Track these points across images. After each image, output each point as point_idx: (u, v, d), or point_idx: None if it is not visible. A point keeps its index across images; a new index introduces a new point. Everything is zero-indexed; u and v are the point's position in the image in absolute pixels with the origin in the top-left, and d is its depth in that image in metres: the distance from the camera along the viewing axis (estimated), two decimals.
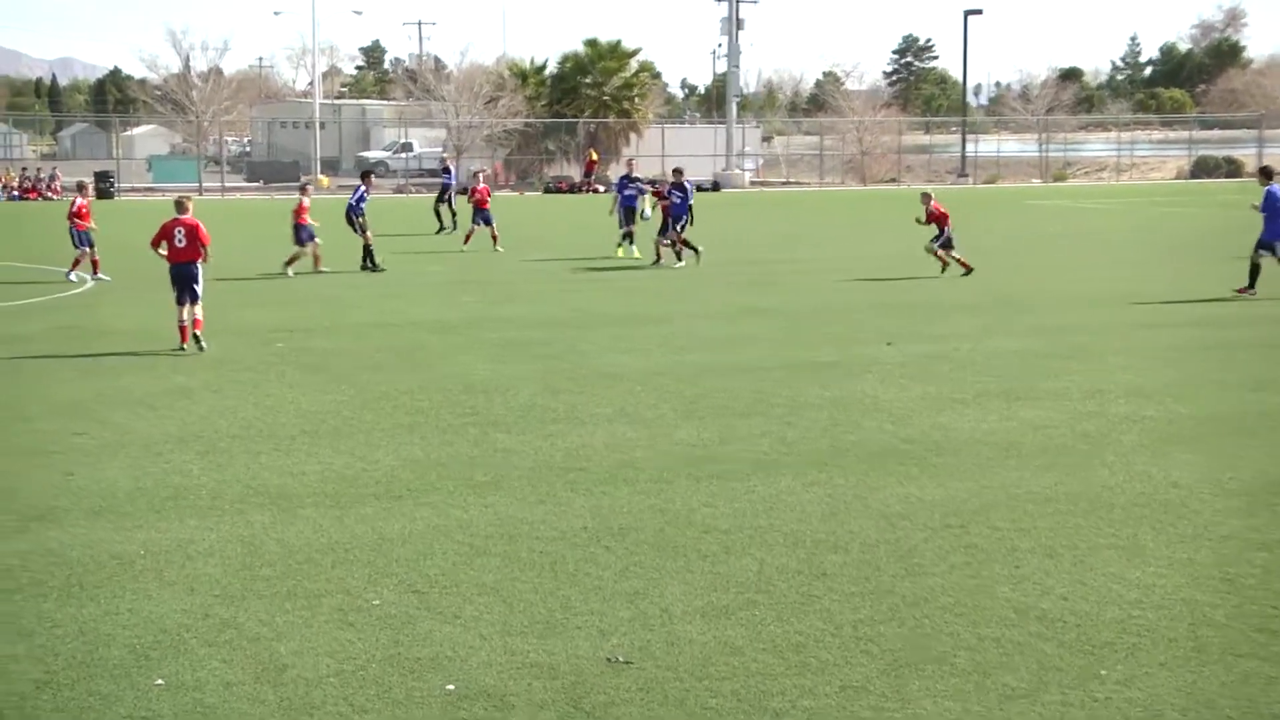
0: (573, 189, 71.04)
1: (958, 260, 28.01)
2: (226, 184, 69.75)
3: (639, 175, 33.68)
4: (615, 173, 74.93)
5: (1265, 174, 24.78)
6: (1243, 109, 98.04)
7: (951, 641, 8.01)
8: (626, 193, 32.51)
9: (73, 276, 27.12)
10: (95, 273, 27.38)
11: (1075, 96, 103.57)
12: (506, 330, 20.67)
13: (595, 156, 72.67)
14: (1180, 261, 31.34)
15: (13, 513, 10.58)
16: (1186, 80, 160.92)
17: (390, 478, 11.72)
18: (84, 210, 27.49)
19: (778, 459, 12.40)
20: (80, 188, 28.99)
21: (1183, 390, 15.61)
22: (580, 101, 76.75)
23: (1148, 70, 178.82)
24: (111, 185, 62.92)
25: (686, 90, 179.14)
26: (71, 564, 9.38)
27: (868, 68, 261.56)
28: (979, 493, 11.20)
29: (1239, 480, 11.52)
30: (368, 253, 29.38)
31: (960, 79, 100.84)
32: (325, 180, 69.37)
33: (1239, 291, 24.21)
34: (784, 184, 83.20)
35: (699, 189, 71.18)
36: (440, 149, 78.87)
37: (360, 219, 29.62)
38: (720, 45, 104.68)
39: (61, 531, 10.12)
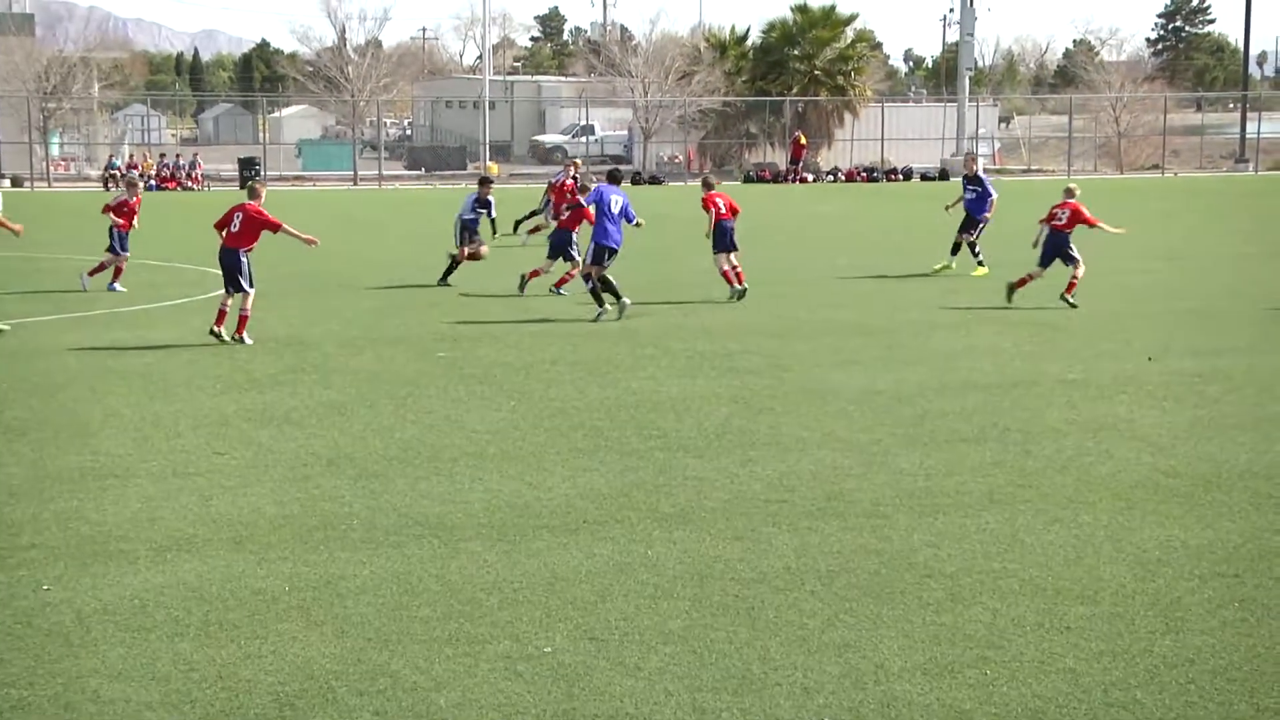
0: (777, 178, 71.06)
1: None
2: (385, 171, 71.30)
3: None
4: (826, 159, 74.96)
5: None
6: None
7: (1222, 713, 7.83)
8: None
9: (117, 287, 27.18)
10: (115, 280, 27.38)
11: None
12: (699, 341, 20.74)
13: (804, 140, 72.54)
14: None
15: (148, 541, 10.97)
16: None
17: (565, 508, 11.87)
18: (135, 210, 27.67)
19: (1014, 493, 12.26)
20: (131, 186, 28.86)
21: None
22: (787, 77, 76.76)
23: None
24: (257, 173, 62.11)
25: (911, 63, 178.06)
26: (210, 600, 9.69)
27: (1128, 34, 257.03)
28: (1256, 536, 10.93)
29: None
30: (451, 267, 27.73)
31: (1241, 46, 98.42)
32: (495, 168, 70.48)
33: None
34: (1025, 171, 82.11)
35: (924, 177, 70.98)
36: (625, 132, 79.67)
37: (468, 233, 28.22)
38: (952, 10, 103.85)
39: (200, 563, 10.46)
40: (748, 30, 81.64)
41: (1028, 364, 18.60)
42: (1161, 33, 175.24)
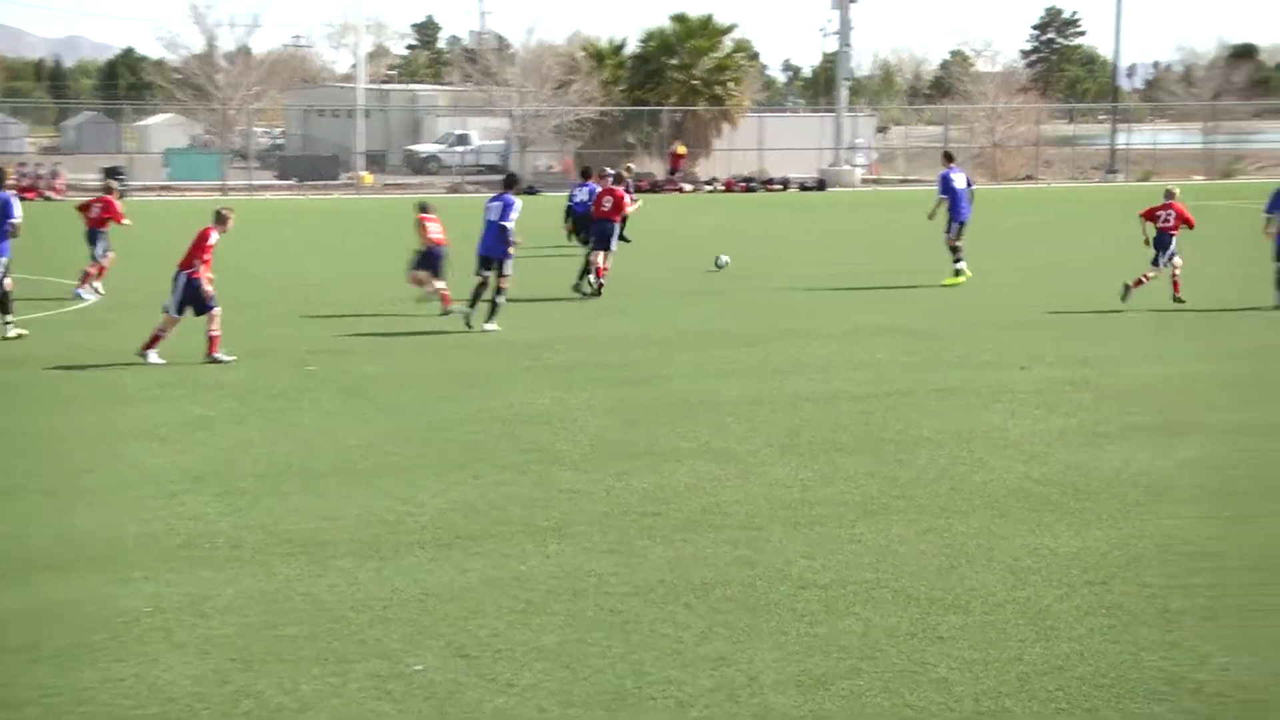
0: (655, 187, 71.24)
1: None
2: (255, 181, 70.60)
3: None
4: (704, 169, 75.24)
5: None
6: None
7: (1090, 719, 7.93)
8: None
9: (96, 287, 27.51)
10: (94, 282, 27.65)
11: (1248, 78, 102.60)
12: (576, 352, 20.75)
13: (682, 150, 72.83)
14: None
15: (9, 561, 10.76)
16: None
17: (438, 523, 11.81)
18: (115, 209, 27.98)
19: (888, 503, 12.37)
20: (108, 189, 29.27)
21: None
22: (665, 86, 76.97)
23: None
24: (122, 183, 61.66)
25: (789, 73, 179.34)
26: (70, 622, 9.52)
27: (1002, 46, 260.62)
28: (1125, 544, 11.11)
29: None
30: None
31: (1111, 58, 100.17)
32: (368, 178, 70.05)
33: None
34: (902, 182, 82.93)
35: (803, 187, 71.50)
36: (502, 141, 79.48)
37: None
38: (829, 20, 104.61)
39: (60, 584, 10.28)
40: (625, 40, 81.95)
41: (905, 373, 18.77)
42: (1035, 44, 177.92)
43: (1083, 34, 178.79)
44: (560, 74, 74.41)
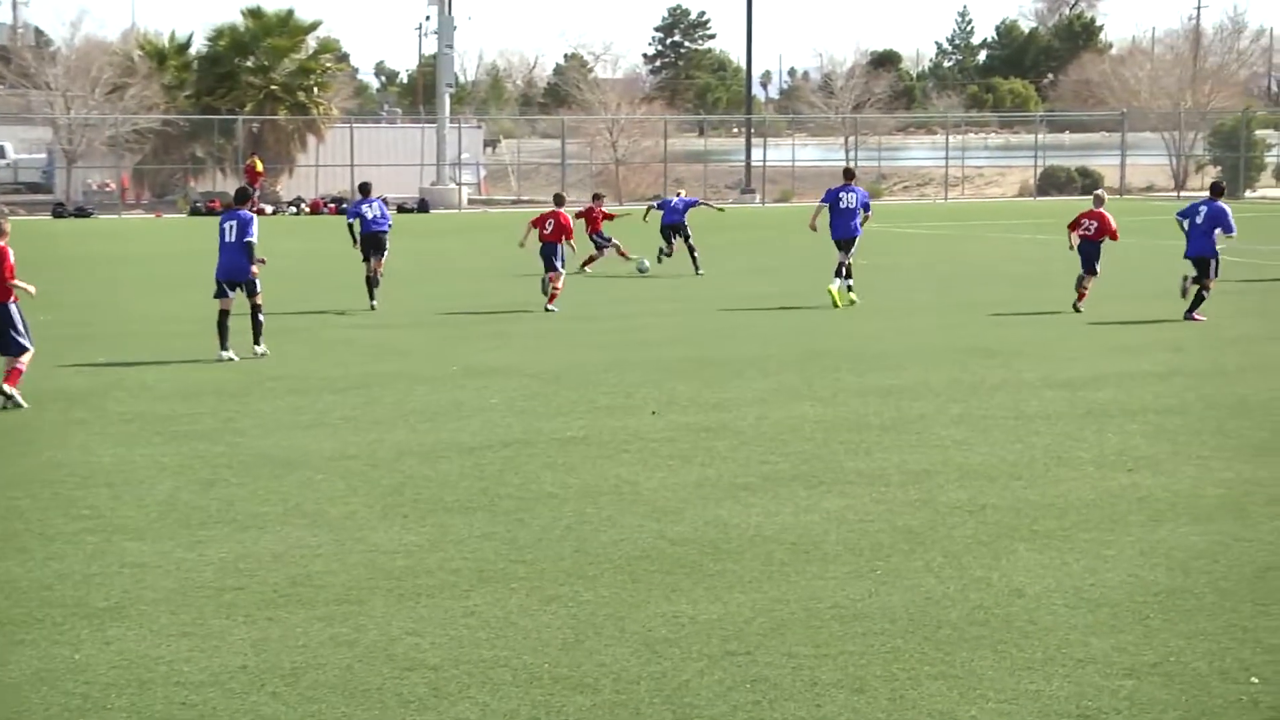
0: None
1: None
2: None
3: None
4: (287, 188, 74.48)
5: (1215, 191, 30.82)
6: (1100, 105, 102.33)
7: None
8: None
9: None
10: None
11: (891, 89, 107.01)
12: (141, 401, 20.32)
13: (260, 166, 71.86)
14: (1040, 303, 32.47)
15: None
16: (1031, 69, 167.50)
17: None
18: None
19: (506, 568, 12.43)
20: None
21: (1034, 470, 16.17)
22: (239, 92, 76.03)
23: (982, 55, 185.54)
24: None
25: (384, 78, 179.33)
26: None
27: (624, 49, 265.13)
28: (769, 608, 11.39)
29: (1101, 587, 11.96)
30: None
31: (744, 65, 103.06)
32: None
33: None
34: (515, 202, 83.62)
35: (401, 209, 71.47)
36: (44, 155, 77.31)
37: None
38: (428, 19, 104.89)
39: None
40: (190, 37, 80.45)
41: (521, 421, 18.91)
42: (660, 48, 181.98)
43: (712, 37, 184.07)
44: (114, 76, 72.88)
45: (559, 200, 33.26)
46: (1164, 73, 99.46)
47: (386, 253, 32.65)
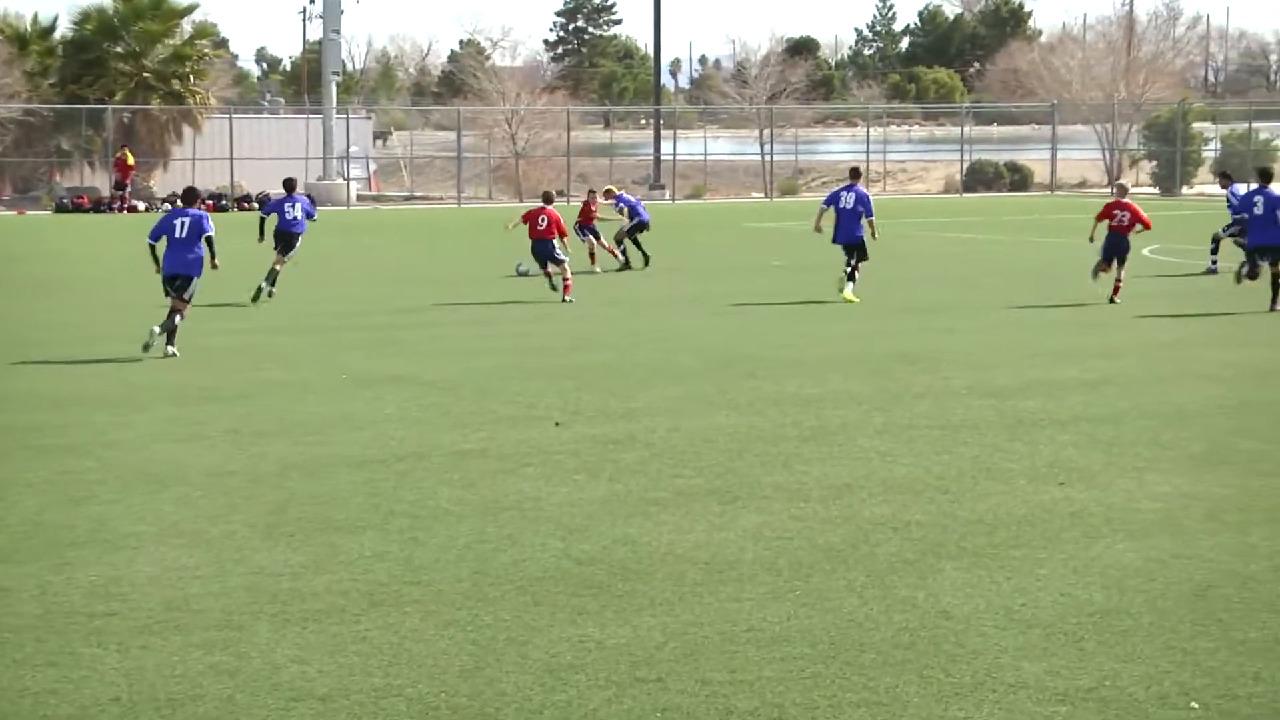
0: (99, 206, 69.75)
1: None
2: None
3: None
4: (161, 183, 73.98)
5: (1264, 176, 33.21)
6: (1030, 96, 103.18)
7: None
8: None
9: None
10: None
11: (809, 78, 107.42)
12: (3, 412, 20.16)
13: (131, 160, 71.34)
14: (965, 306, 32.68)
15: None
16: (956, 57, 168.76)
17: None
18: None
19: (400, 591, 12.39)
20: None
21: (962, 484, 16.26)
22: (109, 80, 75.49)
23: (904, 43, 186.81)
24: None
25: (265, 65, 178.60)
26: None
27: (524, 35, 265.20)
28: (682, 632, 11.40)
29: (1033, 607, 12.04)
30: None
31: (652, 52, 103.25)
32: None
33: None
34: (408, 198, 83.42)
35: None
36: None
37: None
38: (312, 1, 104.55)
39: None
40: (55, 20, 79.88)
41: (414, 432, 18.86)
42: (561, 34, 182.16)
43: (618, 22, 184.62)
44: None
45: (548, 198, 35.36)
46: (1096, 62, 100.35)
47: (294, 252, 34.80)
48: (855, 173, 35.88)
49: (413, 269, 36.25)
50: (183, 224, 25.82)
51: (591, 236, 41.68)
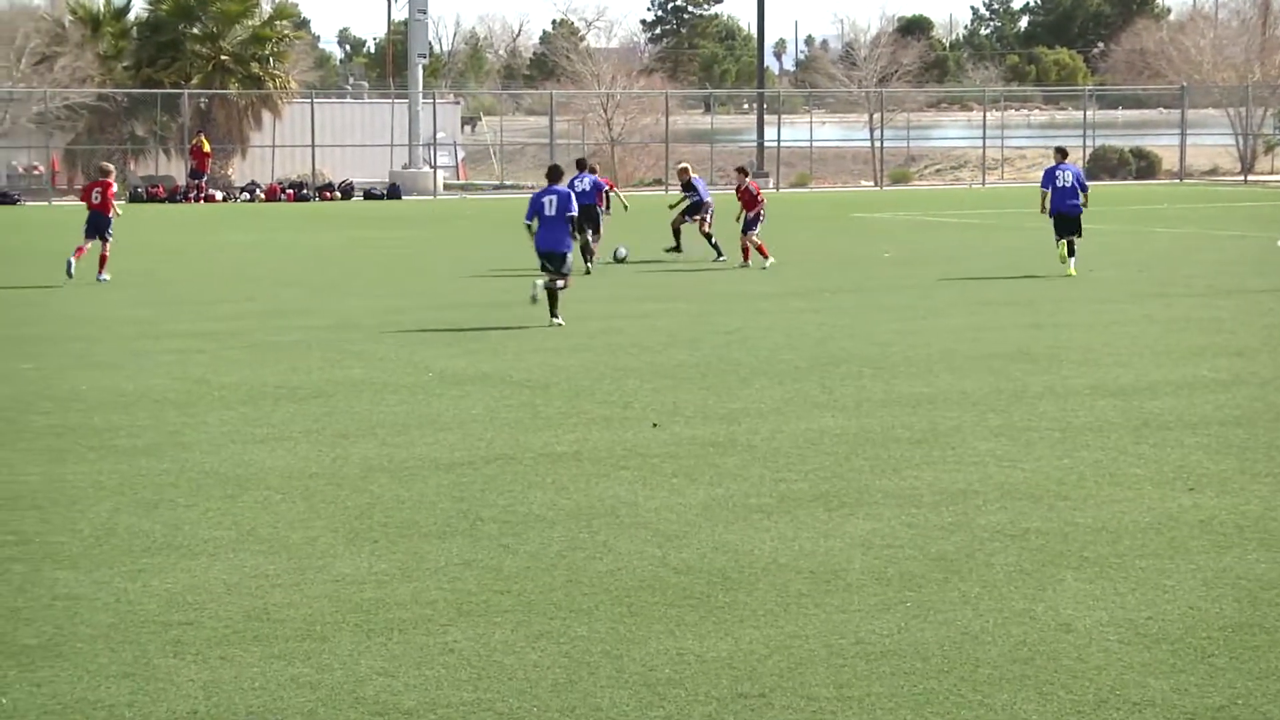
0: (174, 195, 70.20)
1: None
2: None
3: None
4: (240, 172, 74.43)
5: None
6: (1157, 78, 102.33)
7: None
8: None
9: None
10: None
11: (921, 60, 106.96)
12: (69, 412, 20.32)
13: (207, 147, 71.78)
14: (1087, 303, 32.48)
15: None
16: (1078, 37, 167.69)
17: None
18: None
19: (490, 600, 12.42)
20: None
21: (1084, 490, 16.16)
22: (185, 63, 76.02)
23: (1023, 22, 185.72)
24: None
25: (348, 48, 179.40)
26: None
27: (619, 15, 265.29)
28: (786, 645, 11.39)
29: (1160, 621, 11.96)
30: None
31: (755, 33, 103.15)
32: None
33: None
34: (497, 187, 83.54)
35: (369, 195, 71.42)
36: None
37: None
38: None
39: None
40: (129, 1, 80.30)
41: (504, 434, 18.91)
42: (659, 14, 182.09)
43: (720, 1, 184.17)
44: (41, 45, 72.83)
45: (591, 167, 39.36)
46: (1229, 41, 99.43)
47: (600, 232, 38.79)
48: (1062, 152, 38.85)
49: (498, 261, 36.31)
50: (551, 202, 28.44)
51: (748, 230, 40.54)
